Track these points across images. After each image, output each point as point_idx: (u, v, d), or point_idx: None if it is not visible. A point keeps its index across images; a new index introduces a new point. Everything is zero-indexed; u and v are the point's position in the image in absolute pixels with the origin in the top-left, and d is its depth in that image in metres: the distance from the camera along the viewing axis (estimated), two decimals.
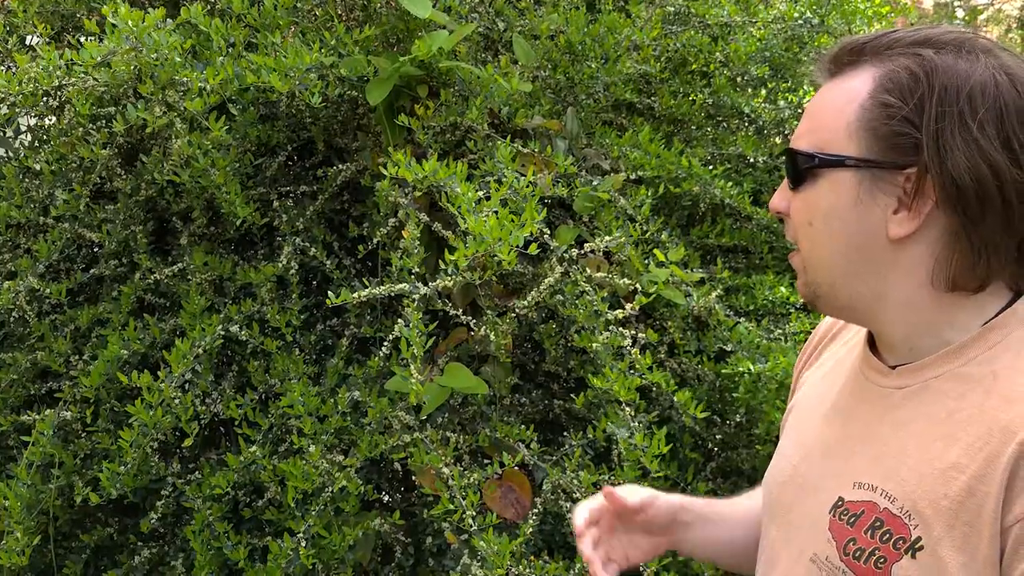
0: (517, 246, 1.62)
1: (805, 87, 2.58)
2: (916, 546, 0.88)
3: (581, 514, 1.16)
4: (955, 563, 0.85)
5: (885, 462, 0.94)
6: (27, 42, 2.23)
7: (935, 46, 0.91)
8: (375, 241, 2.06)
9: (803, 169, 0.95)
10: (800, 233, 0.98)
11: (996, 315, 0.93)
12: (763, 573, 1.10)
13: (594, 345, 1.88)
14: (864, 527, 0.92)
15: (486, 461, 1.99)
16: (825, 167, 0.93)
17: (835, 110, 0.93)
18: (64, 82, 1.79)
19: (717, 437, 2.19)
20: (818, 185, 0.94)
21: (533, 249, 1.72)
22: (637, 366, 1.89)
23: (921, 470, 0.90)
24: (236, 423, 2.03)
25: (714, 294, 2.08)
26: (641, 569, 1.83)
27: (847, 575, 0.93)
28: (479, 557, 1.80)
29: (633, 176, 2.13)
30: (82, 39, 2.06)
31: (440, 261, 1.71)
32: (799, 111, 2.49)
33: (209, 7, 2.05)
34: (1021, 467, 0.82)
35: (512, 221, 1.63)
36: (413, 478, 2.02)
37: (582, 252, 1.97)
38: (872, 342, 1.04)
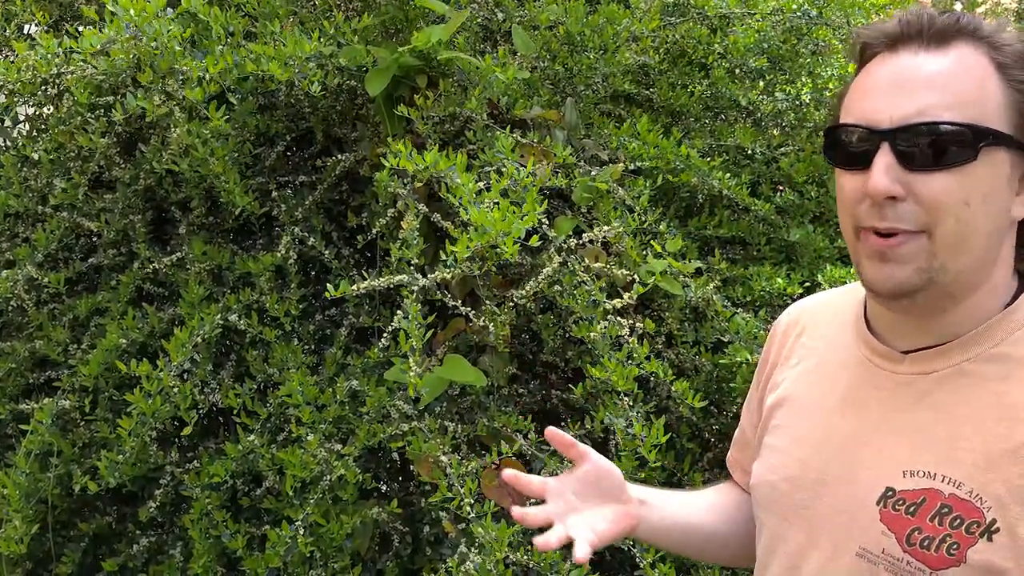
0: (519, 238, 1.62)
1: (803, 79, 2.58)
2: (992, 528, 0.87)
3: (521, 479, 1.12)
4: None
5: (934, 448, 0.93)
6: (25, 31, 2.23)
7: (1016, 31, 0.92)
8: (374, 231, 2.06)
9: (979, 146, 0.88)
10: (946, 215, 0.89)
11: (1014, 296, 0.95)
12: (774, 571, 1.08)
13: (592, 335, 1.89)
14: (929, 515, 0.91)
15: (484, 451, 2.00)
16: (993, 145, 0.88)
17: (972, 85, 0.89)
18: (63, 70, 1.78)
19: (714, 427, 2.20)
20: (980, 163, 0.88)
21: (534, 241, 1.72)
22: (635, 356, 1.89)
23: (986, 452, 0.89)
24: (235, 412, 2.03)
25: (712, 285, 2.08)
26: (639, 561, 1.84)
27: (912, 565, 0.91)
28: (477, 545, 1.81)
29: (631, 167, 2.13)
30: (80, 28, 2.06)
31: (441, 252, 1.71)
32: (797, 103, 2.50)
33: None
34: None
35: (514, 212, 1.63)
36: (411, 467, 2.03)
37: (580, 242, 1.97)
38: (869, 328, 1.04)
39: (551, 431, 1.13)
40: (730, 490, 1.33)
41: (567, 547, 1.87)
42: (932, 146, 0.88)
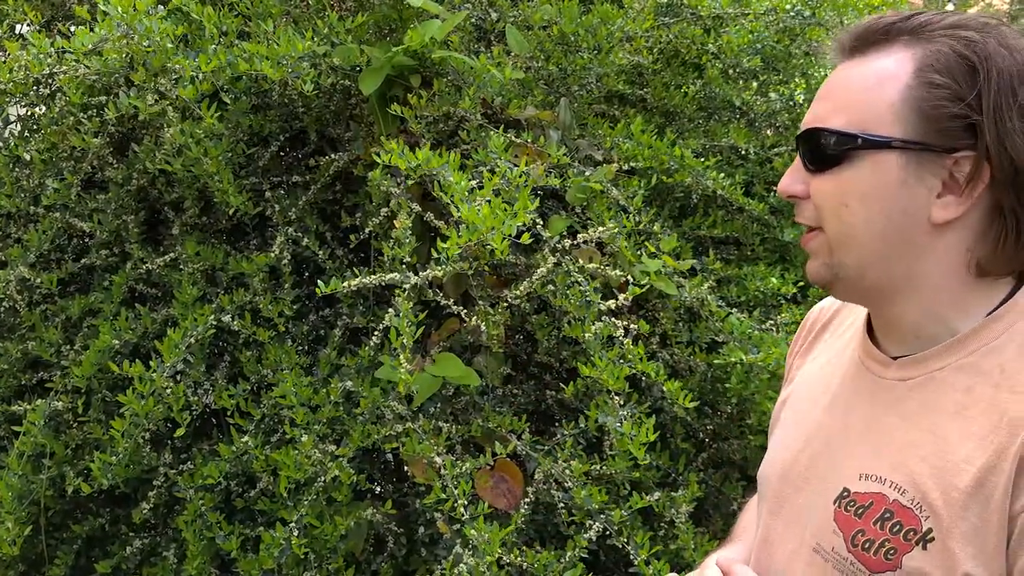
0: (509, 236, 1.62)
1: (796, 79, 2.58)
2: (927, 537, 0.88)
3: None
4: (965, 554, 0.86)
5: (892, 454, 0.94)
6: (17, 30, 2.22)
7: (975, 30, 0.90)
8: (367, 231, 2.06)
9: (843, 150, 0.92)
10: (828, 214, 0.94)
11: (998, 305, 0.93)
12: (760, 562, 1.10)
13: (585, 335, 1.89)
14: (873, 518, 0.92)
15: (478, 451, 1.99)
16: (868, 148, 0.90)
17: (870, 89, 0.91)
18: (55, 70, 1.78)
19: (709, 427, 2.20)
20: (856, 166, 0.91)
21: (526, 239, 1.72)
22: (628, 356, 1.89)
23: (934, 462, 0.90)
24: (228, 413, 2.03)
25: (706, 285, 2.09)
26: (633, 558, 1.84)
27: (855, 566, 0.93)
28: (471, 546, 1.81)
29: (625, 167, 2.14)
30: (73, 27, 2.06)
31: (432, 250, 1.71)
32: (790, 103, 2.50)
33: None
34: None
35: (505, 210, 1.63)
36: (405, 468, 2.02)
37: (574, 242, 1.97)
38: (870, 331, 1.04)
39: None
40: None
41: (559, 547, 1.88)
42: (813, 150, 0.95)
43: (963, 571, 0.85)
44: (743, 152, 2.43)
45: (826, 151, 0.93)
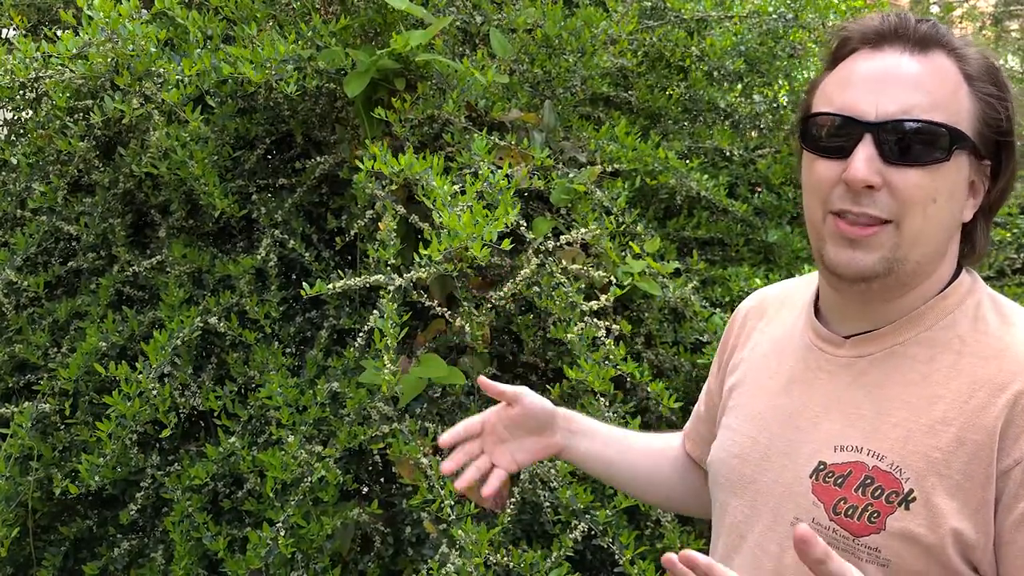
0: (490, 242, 1.64)
1: (780, 81, 2.60)
2: (909, 498, 0.92)
3: (451, 431, 1.28)
4: (949, 509, 0.90)
5: (863, 424, 0.98)
6: (3, 35, 2.23)
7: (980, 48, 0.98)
8: (353, 233, 2.07)
9: (948, 146, 0.93)
10: (915, 209, 0.93)
11: (946, 286, 1.01)
12: (728, 546, 1.12)
13: (569, 336, 1.90)
14: (854, 486, 0.96)
15: None
16: (961, 147, 0.94)
17: (948, 92, 0.94)
18: (41, 74, 1.79)
19: None
20: (949, 163, 0.94)
21: (506, 244, 1.73)
22: (611, 357, 1.91)
23: (908, 427, 0.95)
24: (215, 414, 2.04)
25: (690, 285, 2.10)
26: (617, 558, 1.85)
27: (839, 533, 0.96)
28: (458, 546, 1.82)
29: (610, 169, 2.15)
30: (59, 32, 2.06)
31: (416, 253, 1.73)
32: (774, 105, 2.52)
33: (186, 0, 2.05)
34: (1015, 416, 0.89)
35: (486, 216, 1.64)
36: (392, 468, 2.03)
37: (559, 244, 1.99)
38: (816, 312, 1.10)
39: (482, 381, 1.28)
40: (676, 447, 1.41)
41: (547, 547, 1.89)
42: (913, 142, 0.93)
43: (950, 526, 0.90)
44: (727, 154, 2.45)
45: (927, 145, 0.93)
